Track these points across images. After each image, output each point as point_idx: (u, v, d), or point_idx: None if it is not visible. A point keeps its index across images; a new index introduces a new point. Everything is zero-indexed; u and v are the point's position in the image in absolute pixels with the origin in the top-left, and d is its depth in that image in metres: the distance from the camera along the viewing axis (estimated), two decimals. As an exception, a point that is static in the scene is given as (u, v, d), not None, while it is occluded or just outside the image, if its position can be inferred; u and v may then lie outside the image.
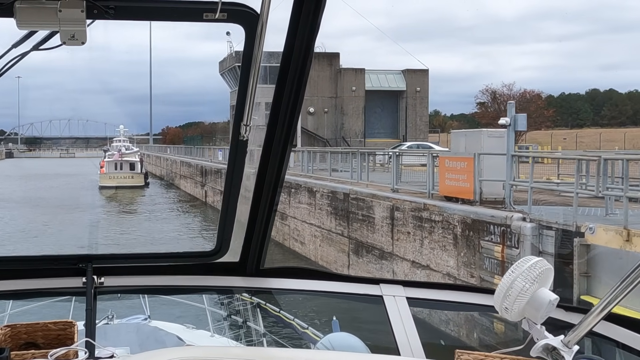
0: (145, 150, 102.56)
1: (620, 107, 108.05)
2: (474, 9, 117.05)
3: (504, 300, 2.98)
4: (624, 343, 3.42)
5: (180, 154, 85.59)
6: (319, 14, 3.34)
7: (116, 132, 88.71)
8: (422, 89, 74.31)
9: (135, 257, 4.49)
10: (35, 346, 3.87)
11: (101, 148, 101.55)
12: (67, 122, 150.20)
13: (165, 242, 36.42)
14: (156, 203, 62.81)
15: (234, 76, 72.75)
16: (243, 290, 6.82)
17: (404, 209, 22.50)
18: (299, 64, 3.51)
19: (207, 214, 53.11)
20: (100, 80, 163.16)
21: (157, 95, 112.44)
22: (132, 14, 3.29)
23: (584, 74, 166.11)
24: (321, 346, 4.80)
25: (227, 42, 68.10)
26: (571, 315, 3.57)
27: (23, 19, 2.94)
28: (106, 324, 7.61)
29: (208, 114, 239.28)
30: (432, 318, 17.95)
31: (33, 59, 3.45)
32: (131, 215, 53.04)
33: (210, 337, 9.04)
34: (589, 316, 2.95)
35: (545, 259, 3.01)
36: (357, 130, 72.88)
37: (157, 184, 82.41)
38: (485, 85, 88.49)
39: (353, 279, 4.42)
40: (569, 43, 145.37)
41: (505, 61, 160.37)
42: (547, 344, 2.96)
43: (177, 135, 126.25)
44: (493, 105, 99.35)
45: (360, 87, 72.76)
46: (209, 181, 58.09)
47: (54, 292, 4.46)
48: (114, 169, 71.77)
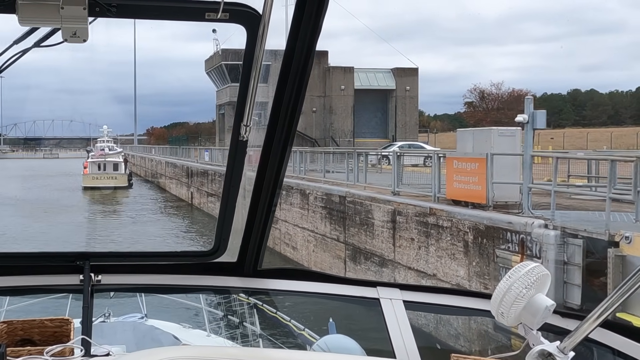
0: (130, 151, 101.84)
1: (602, 107, 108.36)
2: (457, 10, 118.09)
3: (500, 305, 2.95)
4: (620, 350, 3.40)
5: (165, 155, 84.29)
6: (321, 14, 3.31)
7: (100, 132, 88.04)
8: (412, 88, 72.74)
9: (132, 256, 4.46)
10: (32, 343, 3.90)
11: (84, 149, 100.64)
12: (52, 122, 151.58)
13: (157, 242, 36.14)
14: (139, 203, 61.31)
15: (221, 75, 71.26)
16: (240, 291, 6.84)
17: (407, 214, 20.99)
18: (300, 64, 3.48)
19: (193, 216, 51.69)
20: (85, 80, 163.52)
21: (142, 95, 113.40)
22: (134, 13, 3.34)
23: (564, 75, 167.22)
24: (317, 348, 4.75)
25: (213, 39, 66.56)
26: (567, 322, 3.58)
27: (25, 15, 2.94)
28: (103, 322, 7.69)
29: (193, 114, 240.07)
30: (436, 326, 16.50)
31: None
32: (114, 218, 51.46)
33: (207, 337, 9.00)
34: (585, 323, 2.91)
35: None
36: (346, 130, 71.31)
37: (142, 185, 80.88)
38: (474, 85, 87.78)
39: (350, 281, 4.36)
40: (549, 44, 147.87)
41: (487, 62, 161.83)
42: (542, 349, 2.91)
43: (162, 135, 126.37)
44: (481, 104, 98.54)
45: (349, 86, 71.14)
46: (195, 182, 56.65)
47: (51, 289, 4.49)
48: (97, 169, 70.81)
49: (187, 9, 3.31)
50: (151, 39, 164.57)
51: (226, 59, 68.51)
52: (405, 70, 72.55)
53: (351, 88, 71.19)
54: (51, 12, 2.92)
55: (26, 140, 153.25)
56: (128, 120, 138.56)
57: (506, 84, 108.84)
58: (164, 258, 4.46)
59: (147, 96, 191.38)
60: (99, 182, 68.13)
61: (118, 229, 43.05)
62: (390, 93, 72.84)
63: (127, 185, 71.48)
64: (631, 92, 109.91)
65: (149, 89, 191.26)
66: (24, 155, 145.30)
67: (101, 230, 42.55)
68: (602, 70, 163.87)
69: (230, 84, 68.67)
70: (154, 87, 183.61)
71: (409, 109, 72.97)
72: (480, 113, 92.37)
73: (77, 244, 34.20)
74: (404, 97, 72.34)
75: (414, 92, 72.93)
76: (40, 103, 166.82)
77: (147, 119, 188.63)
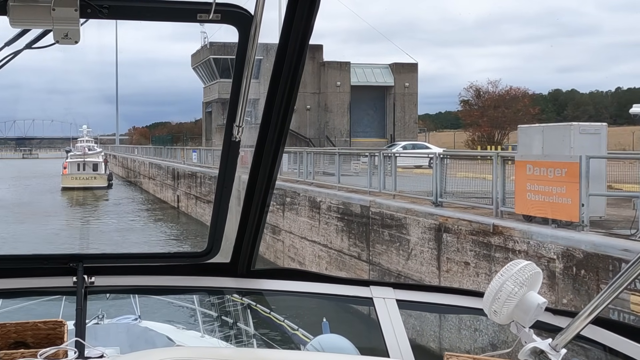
0: (112, 151, 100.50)
1: (583, 107, 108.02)
2: (436, 11, 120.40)
3: (492, 303, 2.98)
4: (611, 347, 3.40)
5: (149, 155, 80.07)
6: (314, 11, 3.30)
7: (79, 132, 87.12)
8: (411, 85, 68.24)
9: (126, 257, 4.44)
10: (25, 345, 3.88)
11: (64, 149, 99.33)
12: (32, 122, 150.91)
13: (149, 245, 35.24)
14: (121, 205, 58.56)
15: (209, 70, 66.67)
16: (234, 291, 6.82)
17: (458, 231, 16.81)
18: (293, 63, 3.47)
19: (180, 223, 47.55)
20: (66, 80, 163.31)
21: (124, 95, 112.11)
22: (125, 14, 3.32)
23: (542, 76, 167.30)
24: (311, 347, 4.57)
25: (201, 32, 62.10)
26: (559, 319, 3.57)
27: (16, 17, 2.93)
28: (96, 323, 7.80)
29: (174, 114, 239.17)
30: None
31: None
32: (94, 223, 47.53)
33: (201, 338, 9.03)
34: (577, 320, 2.93)
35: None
36: (342, 129, 66.72)
37: (124, 188, 78.23)
38: (470, 83, 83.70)
39: (344, 280, 4.34)
40: (527, 46, 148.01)
41: (466, 63, 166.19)
42: (535, 347, 2.92)
43: (144, 135, 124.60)
44: (477, 102, 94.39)
45: (345, 82, 66.36)
46: (182, 185, 52.42)
47: (44, 291, 4.49)
48: (76, 169, 69.83)
49: (179, 10, 3.30)
50: (134, 39, 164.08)
51: (215, 53, 63.86)
52: (404, 66, 67.81)
53: (347, 84, 66.38)
54: (42, 14, 2.89)
55: (6, 141, 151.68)
56: (110, 120, 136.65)
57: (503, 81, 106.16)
58: (157, 259, 4.47)
59: (129, 96, 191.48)
60: (78, 183, 66.85)
61: (97, 235, 39.98)
62: (388, 90, 68.21)
63: (107, 186, 70.26)
64: (611, 92, 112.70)
65: (131, 88, 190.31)
66: (3, 155, 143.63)
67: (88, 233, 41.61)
68: (577, 72, 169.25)
69: (220, 80, 64.03)
70: (136, 86, 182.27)
71: (408, 106, 68.36)
72: (477, 112, 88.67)
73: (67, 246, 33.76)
74: (403, 94, 67.83)
75: (413, 88, 68.37)
76: (20, 103, 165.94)
77: (129, 118, 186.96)
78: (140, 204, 62.86)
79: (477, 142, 72.37)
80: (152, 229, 45.12)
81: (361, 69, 67.84)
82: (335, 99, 66.29)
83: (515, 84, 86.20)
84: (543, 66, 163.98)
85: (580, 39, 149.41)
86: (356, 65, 67.74)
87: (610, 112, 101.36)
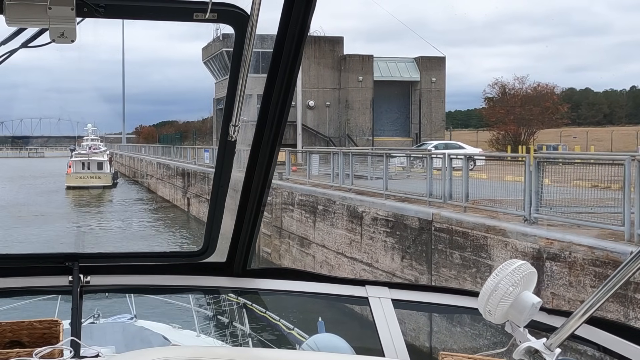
0: (118, 150, 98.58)
1: (598, 106, 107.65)
2: (447, 11, 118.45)
3: (487, 302, 2.92)
4: (605, 346, 3.36)
5: (157, 155, 76.45)
6: (310, 10, 3.25)
7: (84, 131, 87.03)
8: (439, 80, 63.47)
9: (122, 257, 4.39)
10: (20, 344, 3.85)
11: (68, 147, 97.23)
12: (39, 120, 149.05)
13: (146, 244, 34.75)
14: (126, 209, 55.14)
15: (221, 63, 62.27)
16: (229, 291, 6.86)
17: (573, 260, 12.52)
18: (289, 63, 3.41)
19: (190, 229, 43.50)
20: (74, 79, 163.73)
21: (131, 94, 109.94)
22: (122, 13, 3.32)
23: (552, 75, 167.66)
24: (306, 347, 4.43)
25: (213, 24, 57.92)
26: (554, 319, 3.54)
27: (12, 15, 2.88)
28: (92, 323, 7.72)
29: (181, 112, 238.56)
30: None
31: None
32: (97, 224, 44.94)
33: (196, 337, 8.93)
34: (571, 319, 2.89)
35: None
36: (364, 127, 62.10)
37: (130, 187, 76.08)
38: (495, 79, 79.53)
39: (339, 280, 4.30)
40: (537, 45, 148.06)
41: (475, 62, 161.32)
42: (529, 346, 2.88)
43: (151, 134, 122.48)
44: (503, 101, 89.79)
45: (367, 77, 61.53)
46: (193, 188, 48.31)
47: (39, 290, 4.44)
48: (81, 168, 69.20)
49: (175, 9, 3.26)
50: (144, 38, 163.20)
51: (228, 46, 59.59)
52: (430, 60, 62.97)
53: (370, 80, 61.55)
54: (39, 13, 2.86)
55: (13, 139, 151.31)
56: (117, 119, 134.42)
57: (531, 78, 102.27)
58: (153, 259, 4.41)
59: (136, 95, 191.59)
60: (82, 182, 66.34)
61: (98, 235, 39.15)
62: (413, 85, 63.51)
63: (111, 185, 69.75)
64: (626, 90, 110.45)
65: (139, 87, 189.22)
66: (9, 154, 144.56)
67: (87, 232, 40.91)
68: (587, 72, 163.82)
69: (234, 74, 59.85)
70: (143, 85, 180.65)
71: (435, 103, 63.65)
72: (502, 110, 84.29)
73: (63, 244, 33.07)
74: (429, 90, 63.20)
75: (441, 84, 63.69)
76: (27, 102, 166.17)
77: (136, 117, 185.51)
78: (143, 201, 61.69)
79: (501, 142, 68.31)
80: (159, 233, 41.59)
81: (385, 63, 63.18)
82: (357, 95, 61.69)
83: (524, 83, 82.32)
84: (552, 66, 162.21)
85: (589, 39, 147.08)
86: (379, 59, 62.99)
87: (626, 111, 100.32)
